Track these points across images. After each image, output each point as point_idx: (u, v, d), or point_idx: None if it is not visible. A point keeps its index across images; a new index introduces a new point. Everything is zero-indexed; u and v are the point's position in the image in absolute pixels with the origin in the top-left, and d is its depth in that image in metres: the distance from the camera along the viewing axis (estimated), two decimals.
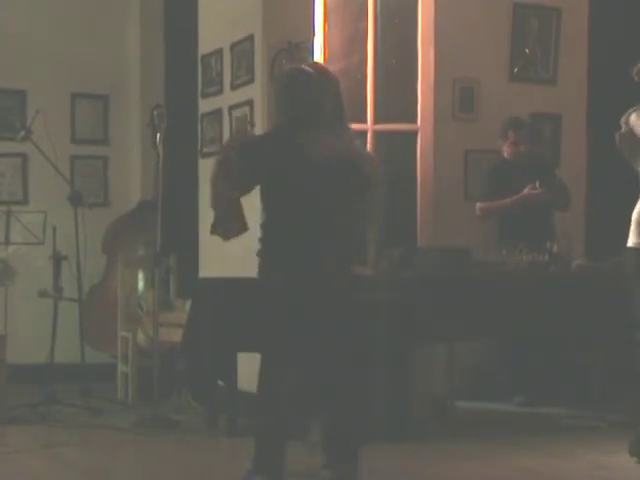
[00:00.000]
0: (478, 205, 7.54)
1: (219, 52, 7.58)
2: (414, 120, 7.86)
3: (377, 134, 7.81)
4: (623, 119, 5.57)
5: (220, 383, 6.51)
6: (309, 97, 4.76)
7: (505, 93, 7.93)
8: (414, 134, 7.86)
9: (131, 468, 5.80)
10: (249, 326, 6.04)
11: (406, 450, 5.83)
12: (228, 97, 7.50)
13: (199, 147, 7.80)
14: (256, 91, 7.20)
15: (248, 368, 6.73)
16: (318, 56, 7.46)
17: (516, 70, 8.05)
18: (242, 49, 7.33)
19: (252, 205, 5.10)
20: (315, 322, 4.79)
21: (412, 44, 7.84)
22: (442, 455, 5.77)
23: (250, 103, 7.23)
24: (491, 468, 5.49)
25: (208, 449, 5.97)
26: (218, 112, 7.56)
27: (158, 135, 6.87)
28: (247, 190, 4.89)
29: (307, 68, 4.96)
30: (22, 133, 7.55)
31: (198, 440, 6.17)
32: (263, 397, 4.85)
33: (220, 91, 7.59)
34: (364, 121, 7.77)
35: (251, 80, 7.24)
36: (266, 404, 4.85)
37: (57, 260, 7.50)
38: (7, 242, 7.54)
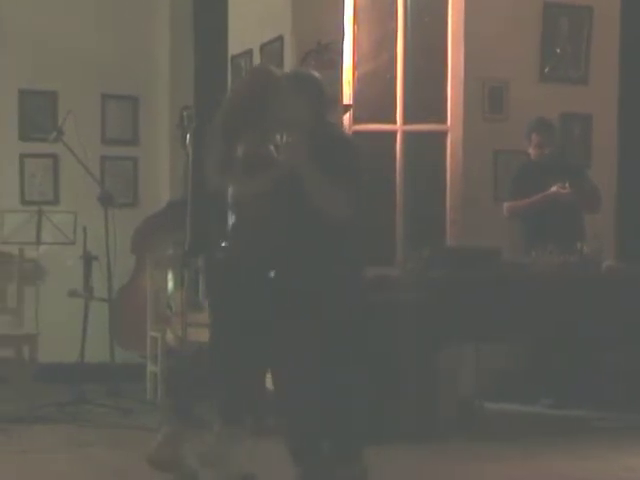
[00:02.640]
0: (505, 205, 7.51)
1: (249, 53, 7.60)
2: (443, 120, 7.83)
3: (406, 134, 7.78)
4: None
5: None
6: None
7: (535, 93, 7.88)
8: (443, 134, 7.83)
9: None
10: None
11: (431, 451, 5.82)
12: None
13: None
14: None
15: None
16: (347, 57, 7.46)
17: (546, 70, 8.00)
18: (271, 50, 7.35)
19: None
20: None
21: (442, 44, 7.81)
22: (467, 456, 5.75)
23: None
24: (517, 470, 5.47)
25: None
26: None
27: (187, 135, 6.89)
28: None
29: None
30: (53, 134, 7.60)
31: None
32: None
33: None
34: (393, 122, 7.76)
35: None
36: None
37: (87, 260, 7.55)
38: (38, 242, 7.58)
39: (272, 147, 4.81)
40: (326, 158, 4.54)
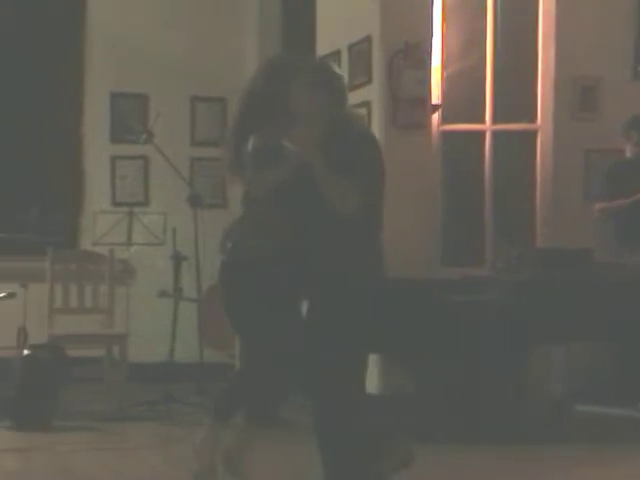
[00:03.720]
0: (597, 206, 7.39)
1: (337, 53, 7.59)
2: (533, 120, 7.74)
3: (495, 134, 7.71)
4: None
5: None
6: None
7: (628, 91, 7.74)
8: (533, 134, 7.74)
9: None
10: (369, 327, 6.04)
11: (521, 453, 5.76)
12: None
13: None
14: (373, 92, 7.20)
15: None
16: (436, 56, 7.41)
17: None
18: (359, 50, 7.33)
19: None
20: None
21: (532, 42, 7.72)
22: (557, 459, 5.67)
23: (367, 104, 7.23)
24: (609, 474, 5.37)
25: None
26: None
27: None
28: None
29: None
30: (144, 136, 7.68)
31: (305, 440, 6.18)
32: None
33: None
34: (482, 121, 7.69)
35: (369, 81, 7.24)
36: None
37: (177, 260, 7.62)
38: (129, 243, 7.67)
39: (285, 141, 4.69)
40: (339, 151, 4.40)
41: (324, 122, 4.50)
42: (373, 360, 6.82)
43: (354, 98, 7.33)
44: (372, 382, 6.86)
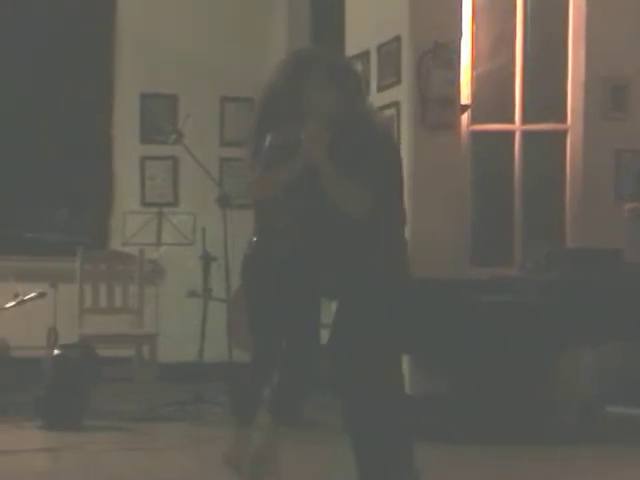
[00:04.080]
0: (627, 206, 7.35)
1: (366, 54, 7.59)
2: (563, 120, 7.70)
3: (525, 134, 7.68)
4: None
5: None
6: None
7: None
8: (563, 134, 7.70)
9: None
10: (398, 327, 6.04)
11: (551, 455, 5.73)
12: (374, 99, 7.49)
13: None
14: (402, 93, 7.19)
15: None
16: (465, 56, 7.39)
17: None
18: (389, 50, 7.32)
19: None
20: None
21: (562, 42, 7.68)
22: (588, 461, 5.64)
23: (396, 105, 7.22)
24: (637, 476, 5.33)
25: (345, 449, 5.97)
26: None
27: None
28: None
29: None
30: (173, 137, 7.70)
31: (332, 440, 6.18)
32: None
33: (366, 93, 7.58)
34: (512, 121, 7.66)
35: (397, 82, 7.24)
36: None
37: (206, 261, 7.64)
38: (158, 243, 7.69)
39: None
40: (349, 151, 4.31)
41: (336, 121, 4.45)
42: (404, 361, 6.83)
43: (383, 98, 7.36)
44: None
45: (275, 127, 4.62)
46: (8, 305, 7.17)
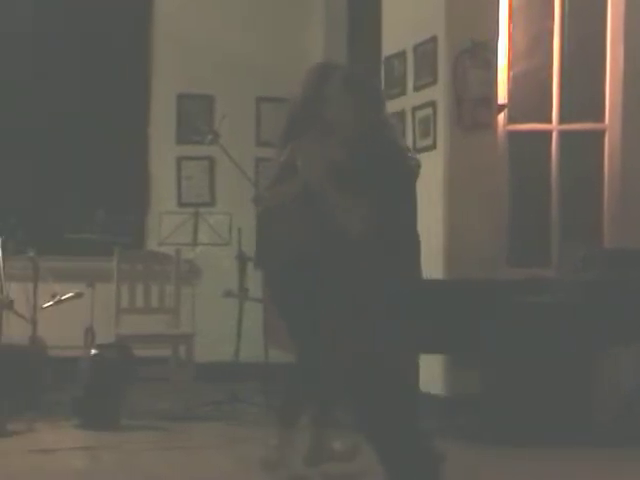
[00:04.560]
0: None
1: (402, 54, 7.58)
2: (601, 119, 7.65)
3: (562, 134, 7.63)
4: None
5: None
6: None
7: None
8: (601, 133, 7.64)
9: None
10: (434, 329, 6.04)
11: (589, 454, 5.70)
12: (411, 98, 7.49)
13: None
14: (439, 92, 7.17)
15: (430, 370, 6.71)
16: (502, 56, 7.36)
17: None
18: (425, 50, 7.31)
19: None
20: None
21: (600, 40, 7.62)
22: (627, 460, 5.59)
23: (433, 104, 7.21)
24: None
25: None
26: (401, 114, 7.56)
27: None
28: None
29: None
30: (210, 137, 7.71)
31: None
32: None
33: (403, 92, 7.59)
34: (549, 121, 7.61)
35: (434, 82, 7.22)
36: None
37: (242, 261, 7.65)
38: (195, 243, 7.71)
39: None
40: (365, 161, 4.35)
41: (354, 131, 4.44)
42: (438, 361, 6.81)
43: (419, 98, 7.35)
44: (437, 383, 6.85)
45: (299, 135, 4.67)
46: (46, 305, 7.21)
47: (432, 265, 6.97)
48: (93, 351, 6.82)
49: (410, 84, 7.49)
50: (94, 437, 6.25)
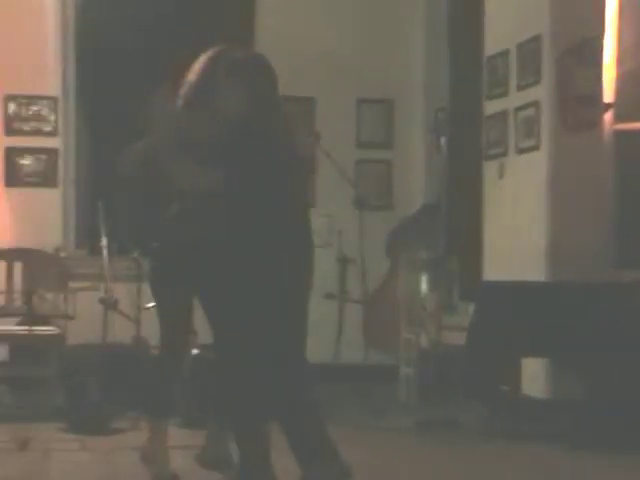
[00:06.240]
0: None
1: (505, 53, 7.50)
2: None
3: None
4: None
5: (504, 387, 6.43)
6: None
7: None
8: None
9: (412, 469, 5.77)
10: (536, 331, 5.95)
11: None
12: (514, 98, 7.40)
13: (484, 149, 7.72)
14: (543, 92, 7.08)
15: (532, 373, 6.62)
16: (609, 53, 7.21)
17: None
18: (529, 49, 7.22)
19: None
20: None
21: None
22: None
23: (536, 104, 7.11)
24: None
25: (485, 454, 5.89)
26: (503, 114, 7.48)
27: (442, 138, 6.86)
28: None
29: None
30: (311, 139, 7.73)
31: (475, 443, 6.10)
32: None
33: (506, 92, 7.50)
34: None
35: (537, 81, 7.12)
36: None
37: (343, 263, 7.65)
38: None
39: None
40: (237, 144, 4.47)
41: (230, 115, 4.57)
42: (541, 364, 6.71)
43: (523, 98, 7.25)
44: (539, 386, 6.74)
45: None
46: (149, 305, 7.27)
47: (534, 266, 6.89)
48: (195, 351, 6.85)
49: (513, 84, 7.40)
50: (195, 436, 6.27)
